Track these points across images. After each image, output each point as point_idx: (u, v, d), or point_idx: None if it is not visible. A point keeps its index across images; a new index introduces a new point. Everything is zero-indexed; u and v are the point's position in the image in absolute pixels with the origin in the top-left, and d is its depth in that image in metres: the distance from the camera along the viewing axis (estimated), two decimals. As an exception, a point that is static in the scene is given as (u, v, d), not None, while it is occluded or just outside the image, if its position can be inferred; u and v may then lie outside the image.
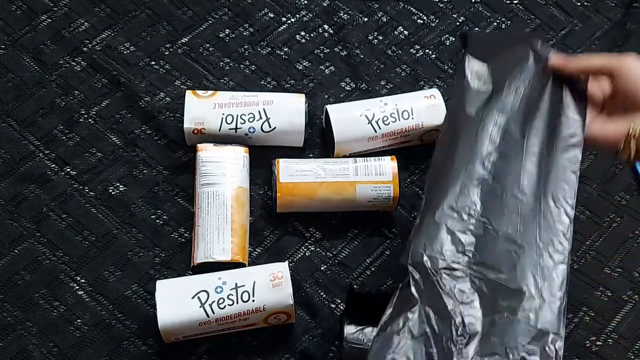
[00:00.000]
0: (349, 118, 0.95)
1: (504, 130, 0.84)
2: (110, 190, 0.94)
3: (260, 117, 0.94)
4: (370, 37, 1.06)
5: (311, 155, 0.97)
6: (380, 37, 1.07)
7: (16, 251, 0.89)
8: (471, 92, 0.86)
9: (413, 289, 0.74)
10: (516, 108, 0.85)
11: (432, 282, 0.75)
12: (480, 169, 0.82)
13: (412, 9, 1.09)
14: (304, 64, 1.04)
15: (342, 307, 0.88)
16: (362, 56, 1.05)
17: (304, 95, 0.97)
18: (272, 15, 1.07)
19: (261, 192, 0.95)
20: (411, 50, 1.06)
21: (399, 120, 0.95)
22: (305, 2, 1.08)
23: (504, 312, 0.75)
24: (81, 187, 0.94)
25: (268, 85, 1.02)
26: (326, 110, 0.96)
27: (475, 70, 0.87)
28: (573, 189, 0.82)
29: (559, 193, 0.81)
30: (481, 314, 0.74)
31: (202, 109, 0.94)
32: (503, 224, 0.79)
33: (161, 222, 0.92)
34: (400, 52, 1.06)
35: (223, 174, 0.91)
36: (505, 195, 0.80)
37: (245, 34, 1.05)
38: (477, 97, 0.86)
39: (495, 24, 1.09)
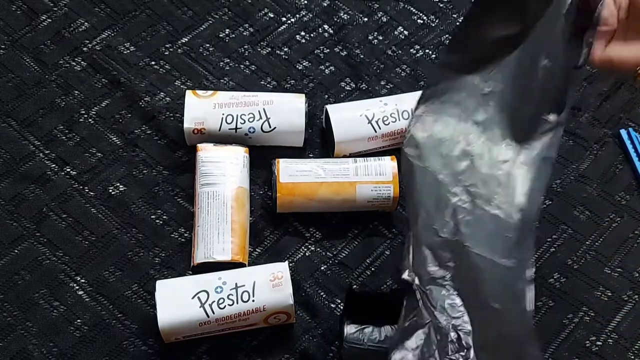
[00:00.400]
0: (349, 118, 0.95)
1: (483, 129, 0.83)
2: (110, 190, 0.94)
3: (260, 117, 0.94)
4: (370, 37, 1.06)
5: (311, 155, 0.97)
6: (380, 37, 1.07)
7: (16, 251, 0.89)
8: (450, 87, 0.85)
9: (422, 308, 0.74)
10: (499, 104, 0.84)
11: (423, 300, 0.75)
12: (454, 180, 0.81)
13: (412, 9, 1.09)
14: (304, 64, 1.04)
15: (342, 307, 0.88)
16: (362, 56, 1.05)
17: (304, 95, 0.97)
18: (272, 15, 1.07)
19: (261, 192, 0.95)
20: (411, 50, 1.06)
21: (399, 120, 0.95)
22: (305, 2, 1.08)
23: (488, 327, 0.75)
24: (81, 187, 0.94)
25: (268, 85, 1.02)
26: (326, 110, 0.97)
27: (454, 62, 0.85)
28: (537, 205, 0.82)
29: (525, 205, 0.81)
30: (471, 327, 0.74)
31: (202, 109, 0.94)
32: (475, 241, 0.79)
33: (161, 222, 0.92)
34: (400, 52, 1.06)
35: (223, 174, 0.91)
36: (476, 209, 0.80)
37: (245, 34, 1.05)
38: (459, 91, 0.84)
39: (495, 24, 1.09)
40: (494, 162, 0.83)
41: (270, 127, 0.95)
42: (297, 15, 1.07)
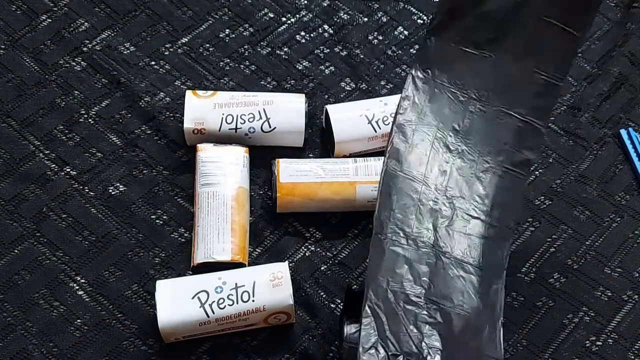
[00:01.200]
0: (349, 118, 0.95)
1: (463, 137, 0.83)
2: (110, 190, 0.94)
3: (260, 117, 0.94)
4: (370, 37, 1.06)
5: (311, 155, 0.97)
6: (380, 37, 1.07)
7: (16, 251, 0.89)
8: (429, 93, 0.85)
9: (372, 332, 0.74)
10: (478, 110, 0.84)
11: (398, 317, 0.75)
12: (435, 189, 0.81)
13: (412, 9, 1.09)
14: (304, 64, 1.04)
15: (342, 307, 0.88)
16: (362, 56, 1.05)
17: (304, 95, 0.97)
18: (272, 15, 1.07)
19: (261, 192, 0.95)
20: (411, 50, 1.06)
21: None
22: (305, 2, 1.08)
23: (459, 341, 0.75)
24: (81, 187, 0.94)
25: (268, 85, 1.02)
26: (326, 110, 0.97)
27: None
28: (514, 210, 0.82)
29: (502, 214, 0.81)
30: (441, 345, 0.74)
31: (202, 109, 0.94)
32: (453, 249, 0.79)
33: (161, 222, 0.92)
34: (400, 52, 1.06)
35: (223, 174, 0.91)
36: (455, 218, 0.81)
37: (245, 34, 1.05)
38: (437, 99, 0.85)
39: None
40: (473, 170, 0.83)
41: (270, 127, 0.95)
42: (297, 15, 1.07)
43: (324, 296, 0.89)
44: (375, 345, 0.72)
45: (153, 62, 1.02)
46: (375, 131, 0.95)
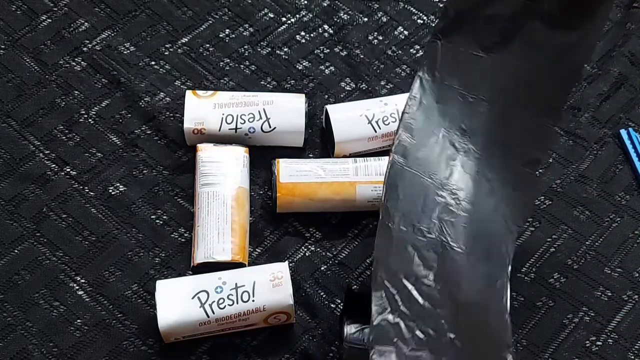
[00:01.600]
0: (349, 118, 0.95)
1: (470, 137, 0.83)
2: (110, 190, 0.94)
3: (260, 117, 0.94)
4: (370, 37, 1.06)
5: (311, 155, 0.97)
6: (380, 37, 1.07)
7: (16, 251, 0.89)
8: (437, 85, 0.84)
9: (384, 302, 0.74)
10: (487, 112, 0.84)
11: (411, 294, 0.75)
12: (441, 184, 0.81)
13: (412, 9, 1.09)
14: (304, 64, 1.04)
15: (342, 307, 0.88)
16: (362, 56, 1.05)
17: (304, 95, 0.97)
18: (272, 15, 1.07)
19: (261, 192, 0.95)
20: (411, 50, 1.06)
21: (399, 120, 0.95)
22: (305, 2, 1.08)
23: (467, 326, 0.76)
24: (81, 187, 0.94)
25: (268, 85, 1.02)
26: (326, 110, 0.97)
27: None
28: (522, 208, 0.82)
29: (509, 211, 0.82)
30: (454, 327, 0.74)
31: (202, 109, 0.94)
32: (458, 242, 0.80)
33: (161, 222, 0.92)
34: (400, 52, 1.06)
35: (223, 174, 0.91)
36: (461, 213, 0.81)
37: (245, 34, 1.05)
38: (445, 98, 0.85)
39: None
40: (480, 168, 0.83)
41: (270, 127, 0.95)
42: (297, 15, 1.07)
43: (324, 296, 0.89)
44: (387, 315, 0.73)
45: (153, 62, 1.02)
46: (375, 131, 0.95)
